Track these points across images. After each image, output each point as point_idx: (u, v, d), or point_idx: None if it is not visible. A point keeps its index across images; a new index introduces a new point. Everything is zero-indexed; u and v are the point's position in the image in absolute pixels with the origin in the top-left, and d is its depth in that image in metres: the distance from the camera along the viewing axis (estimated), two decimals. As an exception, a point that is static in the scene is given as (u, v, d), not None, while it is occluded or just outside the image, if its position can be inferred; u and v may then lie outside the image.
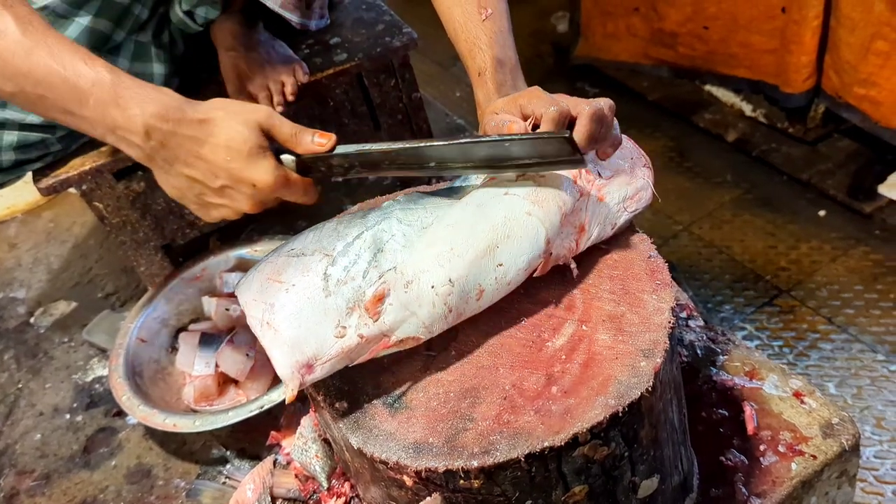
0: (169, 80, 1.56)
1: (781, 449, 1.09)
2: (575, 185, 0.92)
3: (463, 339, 0.91)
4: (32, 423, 1.71)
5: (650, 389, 0.80)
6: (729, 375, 1.20)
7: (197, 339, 1.57)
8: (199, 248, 1.78)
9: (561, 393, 0.82)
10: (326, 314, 0.82)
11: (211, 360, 1.54)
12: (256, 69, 1.55)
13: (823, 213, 2.05)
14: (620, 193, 0.96)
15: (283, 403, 1.37)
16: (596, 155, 0.95)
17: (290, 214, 1.90)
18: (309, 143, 0.89)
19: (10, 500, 1.56)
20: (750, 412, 1.14)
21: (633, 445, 0.84)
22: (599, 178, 0.96)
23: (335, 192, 1.96)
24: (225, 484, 1.46)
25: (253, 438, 1.47)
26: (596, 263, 0.96)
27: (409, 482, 0.82)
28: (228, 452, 1.52)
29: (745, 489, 1.05)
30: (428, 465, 0.79)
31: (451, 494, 0.81)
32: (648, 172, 1.00)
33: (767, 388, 1.17)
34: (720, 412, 1.15)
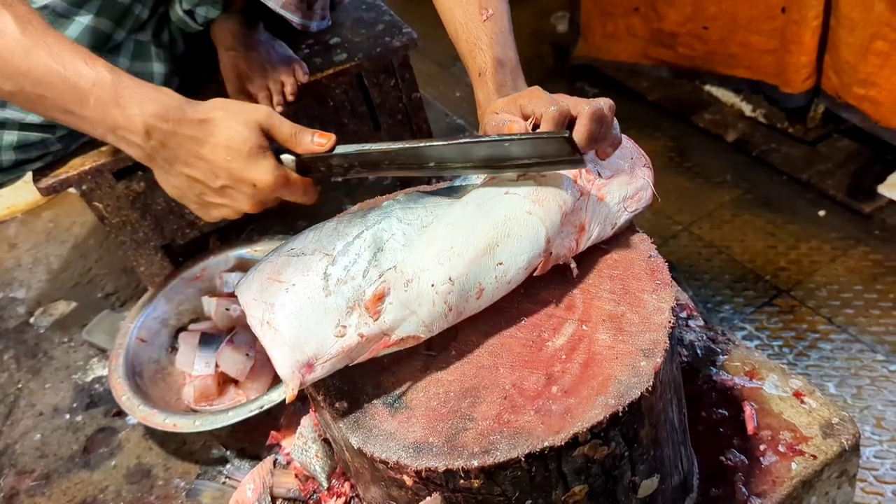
0: (169, 79, 1.56)
1: (781, 449, 1.09)
2: (575, 184, 0.92)
3: (463, 338, 0.91)
4: (32, 423, 1.71)
5: (650, 389, 0.80)
6: (729, 375, 1.20)
7: (197, 339, 1.57)
8: (198, 248, 1.78)
9: (561, 392, 0.82)
10: (326, 313, 0.82)
11: (211, 360, 1.54)
12: (256, 69, 1.55)
13: (823, 213, 2.05)
14: (620, 193, 0.96)
15: (282, 403, 1.37)
16: (596, 155, 0.95)
17: (289, 214, 1.90)
18: (308, 142, 0.89)
19: (9, 500, 1.56)
20: (750, 412, 1.14)
21: (633, 445, 0.84)
22: (599, 177, 0.96)
23: (335, 192, 1.96)
24: (225, 484, 1.46)
25: (253, 438, 1.47)
26: (596, 263, 0.96)
27: (409, 482, 0.82)
28: (228, 452, 1.52)
29: (745, 489, 1.05)
30: (428, 464, 0.79)
31: (451, 494, 0.81)
32: (648, 172, 1.00)
33: (767, 387, 1.17)
34: (720, 412, 1.15)
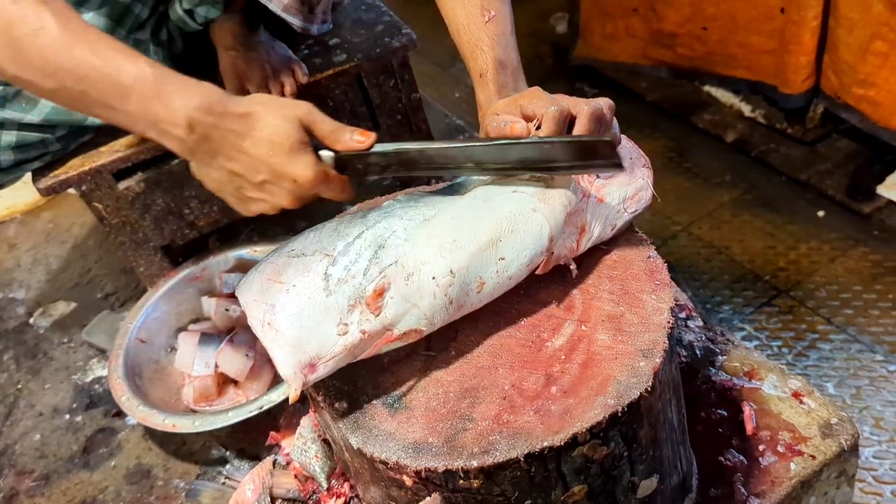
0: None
1: (780, 449, 1.09)
2: (578, 185, 0.92)
3: (462, 339, 0.91)
4: (32, 423, 1.71)
5: (649, 389, 0.81)
6: (728, 376, 1.20)
7: (196, 339, 1.57)
8: (198, 248, 1.78)
9: (560, 393, 0.82)
10: (328, 313, 0.83)
11: (210, 360, 1.54)
12: (256, 69, 1.55)
13: (822, 213, 2.05)
14: (620, 194, 0.96)
15: (282, 404, 1.38)
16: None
17: (289, 215, 1.90)
18: (348, 140, 0.89)
19: (9, 500, 1.56)
20: (749, 412, 1.14)
21: (632, 445, 0.84)
22: (599, 178, 0.96)
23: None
24: (224, 484, 1.46)
25: (252, 439, 1.47)
26: (595, 264, 0.96)
27: (408, 482, 0.82)
28: (228, 453, 1.52)
29: (744, 489, 1.05)
30: (427, 465, 0.79)
31: (450, 494, 0.81)
32: (648, 173, 1.00)
33: (766, 388, 1.17)
34: (719, 412, 1.15)
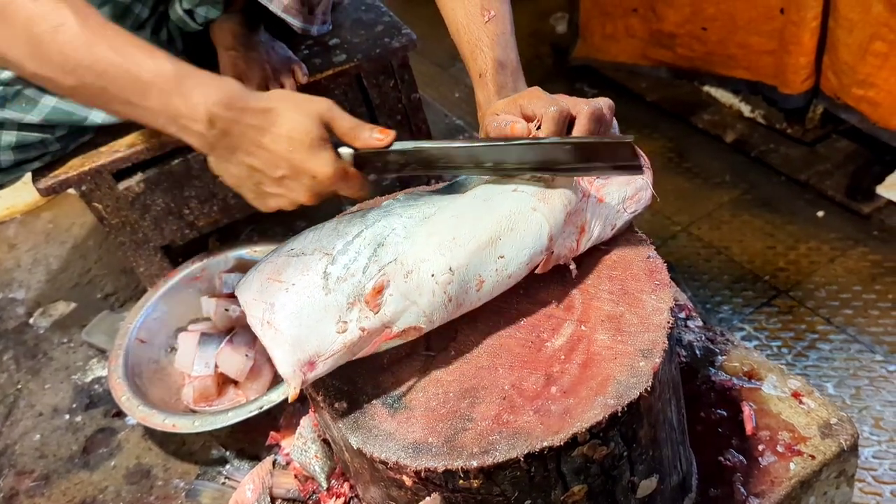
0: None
1: (780, 449, 1.09)
2: (579, 185, 0.92)
3: (462, 339, 0.91)
4: (32, 423, 1.71)
5: (649, 389, 0.81)
6: (728, 376, 1.20)
7: (196, 339, 1.57)
8: (198, 248, 1.78)
9: (560, 393, 0.83)
10: (327, 311, 0.83)
11: (210, 360, 1.54)
12: (256, 69, 1.55)
13: (822, 213, 2.05)
14: (620, 194, 0.96)
15: (282, 404, 1.37)
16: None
17: (289, 215, 1.90)
18: (367, 137, 0.89)
19: (9, 500, 1.56)
20: (748, 412, 1.14)
21: (631, 445, 0.84)
22: (598, 178, 0.96)
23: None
24: (224, 484, 1.46)
25: (252, 439, 1.47)
26: (595, 264, 0.96)
27: (408, 482, 0.82)
28: (228, 453, 1.52)
29: (743, 489, 1.05)
30: (427, 465, 0.79)
31: (450, 494, 0.81)
32: (647, 173, 1.00)
33: (766, 388, 1.18)
34: (719, 412, 1.15)
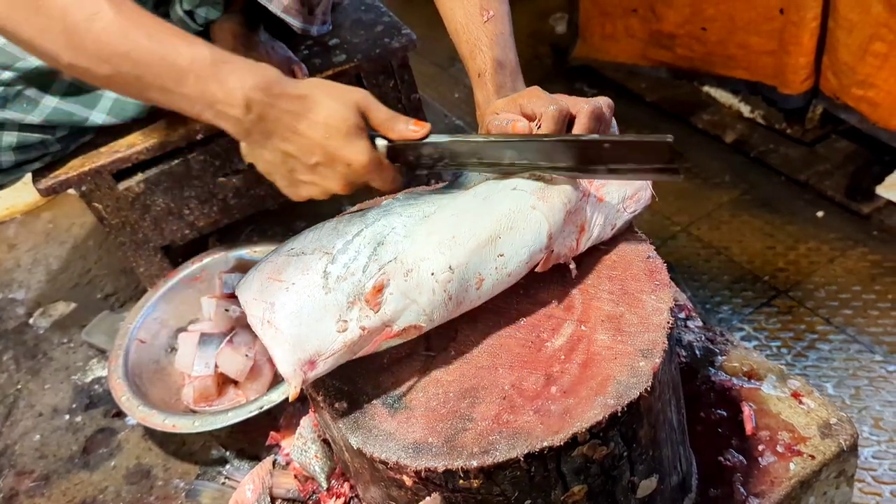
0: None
1: (780, 449, 1.09)
2: (579, 184, 0.92)
3: (462, 339, 0.91)
4: (32, 423, 1.71)
5: (649, 389, 0.81)
6: (727, 376, 1.20)
7: (196, 339, 1.57)
8: (198, 248, 1.78)
9: (560, 393, 0.83)
10: (327, 310, 0.83)
11: (210, 360, 1.54)
12: (256, 70, 1.55)
13: (821, 213, 2.05)
14: (619, 194, 0.96)
15: (282, 404, 1.38)
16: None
17: (289, 215, 1.91)
18: (403, 128, 0.89)
19: (9, 500, 1.56)
20: (748, 412, 1.14)
21: (631, 445, 0.84)
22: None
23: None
24: (224, 484, 1.46)
25: (252, 439, 1.47)
26: (595, 264, 0.96)
27: (408, 482, 0.82)
28: (228, 453, 1.52)
29: (743, 489, 1.05)
30: (427, 464, 0.79)
31: (450, 494, 0.81)
32: (647, 173, 1.00)
33: (766, 388, 1.18)
34: (719, 412, 1.15)
